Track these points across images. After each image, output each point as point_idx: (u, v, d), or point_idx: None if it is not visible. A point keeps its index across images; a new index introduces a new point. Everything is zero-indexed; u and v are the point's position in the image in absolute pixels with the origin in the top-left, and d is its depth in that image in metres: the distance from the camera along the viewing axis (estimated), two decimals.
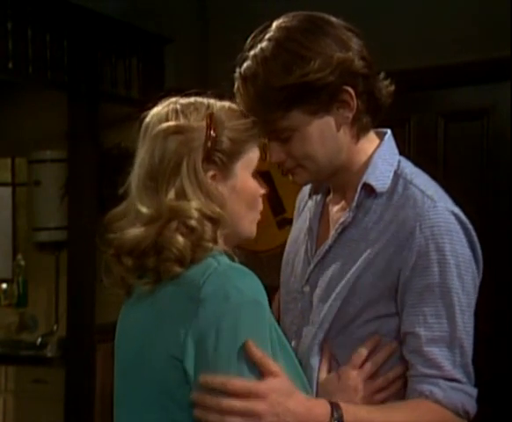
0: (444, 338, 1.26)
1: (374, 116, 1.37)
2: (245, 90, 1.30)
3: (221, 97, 1.32)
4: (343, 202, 1.39)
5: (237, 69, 1.31)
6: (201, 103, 1.28)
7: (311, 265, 1.39)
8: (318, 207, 1.45)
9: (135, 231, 1.20)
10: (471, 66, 3.29)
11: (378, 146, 1.38)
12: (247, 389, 1.12)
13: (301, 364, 1.31)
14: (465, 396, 1.27)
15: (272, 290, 1.52)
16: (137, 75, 3.87)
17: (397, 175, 1.35)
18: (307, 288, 1.40)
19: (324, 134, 1.31)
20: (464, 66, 3.32)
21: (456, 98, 3.47)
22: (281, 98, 1.27)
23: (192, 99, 1.29)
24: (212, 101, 1.29)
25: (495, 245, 3.29)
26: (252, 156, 1.30)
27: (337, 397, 1.25)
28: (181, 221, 1.19)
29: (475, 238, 1.33)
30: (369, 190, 1.34)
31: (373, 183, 1.33)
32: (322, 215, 1.44)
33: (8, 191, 4.76)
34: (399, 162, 1.38)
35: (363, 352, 1.31)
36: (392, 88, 1.39)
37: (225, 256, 1.22)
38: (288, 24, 1.31)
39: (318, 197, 1.47)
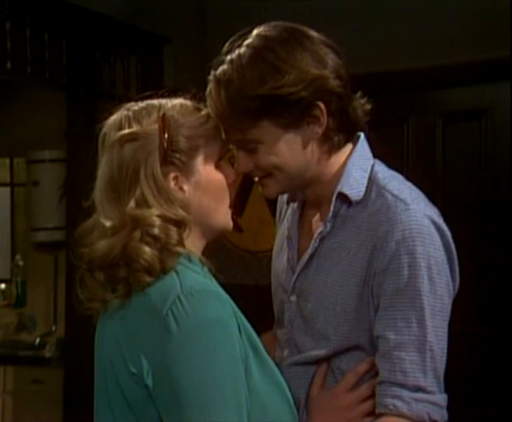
0: (413, 342, 1.25)
1: (348, 135, 1.35)
2: (217, 94, 1.27)
3: (175, 93, 1.30)
4: (321, 210, 1.39)
5: (212, 72, 1.29)
6: (153, 106, 1.27)
7: (295, 275, 1.39)
8: (295, 214, 1.44)
9: (101, 244, 1.19)
10: (470, 66, 3.29)
11: (351, 152, 1.36)
12: None
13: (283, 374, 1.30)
14: (431, 405, 1.25)
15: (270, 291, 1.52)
16: (136, 75, 3.87)
17: (370, 181, 1.34)
18: (294, 298, 1.40)
19: (292, 147, 1.30)
20: (463, 66, 3.32)
21: (454, 99, 3.47)
22: (253, 107, 1.25)
23: (143, 104, 1.28)
24: (164, 102, 1.28)
25: (496, 245, 3.29)
26: (212, 147, 1.29)
27: (328, 415, 1.27)
28: (144, 231, 1.18)
29: (450, 240, 1.31)
30: (344, 199, 1.33)
31: (347, 192, 1.33)
32: (301, 223, 1.43)
33: (6, 191, 4.75)
34: (373, 166, 1.36)
35: (358, 372, 1.30)
36: (369, 107, 1.39)
37: (193, 260, 1.22)
38: (267, 33, 1.30)
39: (295, 204, 1.45)
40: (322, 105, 1.28)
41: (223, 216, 1.30)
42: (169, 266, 1.17)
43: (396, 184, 1.33)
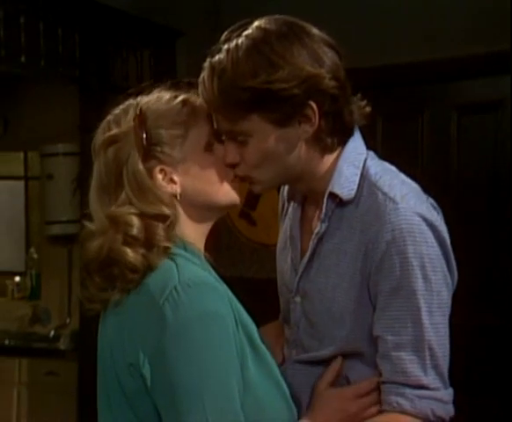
0: (411, 341, 1.24)
1: (341, 137, 1.33)
2: (210, 82, 1.26)
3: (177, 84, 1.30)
4: (318, 208, 1.36)
5: (208, 59, 1.28)
6: (130, 104, 1.27)
7: (298, 276, 1.38)
8: (297, 213, 1.43)
9: (91, 246, 1.21)
10: (485, 58, 3.26)
11: (343, 148, 1.34)
12: None
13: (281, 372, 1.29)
14: (435, 402, 1.25)
15: None
16: (149, 68, 3.87)
17: (362, 177, 1.32)
18: (298, 299, 1.39)
19: (280, 144, 1.28)
20: (478, 58, 3.29)
21: (469, 91, 3.45)
22: (243, 98, 1.24)
23: (124, 104, 1.28)
24: (141, 98, 1.27)
25: (510, 239, 3.27)
26: (197, 131, 1.27)
27: (332, 414, 1.27)
28: (124, 232, 1.18)
29: (444, 235, 1.29)
30: (335, 198, 1.32)
31: (338, 191, 1.31)
32: (302, 221, 1.42)
33: (21, 184, 4.78)
34: (365, 161, 1.34)
35: (374, 382, 1.29)
36: (368, 110, 1.35)
37: (189, 250, 1.22)
38: (267, 26, 1.28)
39: (297, 201, 1.43)
40: (314, 105, 1.25)
41: (224, 195, 1.29)
42: (156, 262, 1.17)
43: (387, 179, 1.30)
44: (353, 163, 1.32)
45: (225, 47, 1.26)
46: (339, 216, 1.32)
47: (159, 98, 1.27)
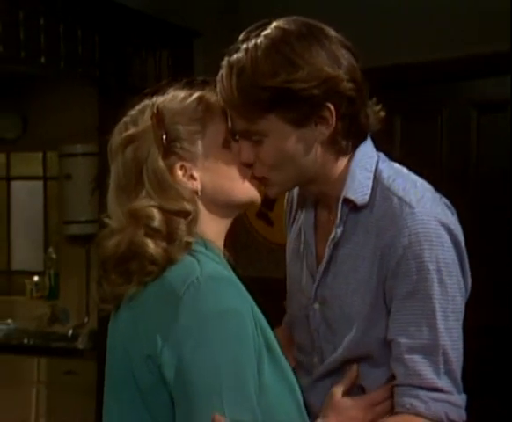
0: (425, 345, 1.24)
1: (356, 141, 1.32)
2: (228, 80, 1.25)
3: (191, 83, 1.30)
4: (331, 213, 1.36)
5: (226, 58, 1.28)
6: (146, 104, 1.28)
7: (316, 282, 1.37)
8: (310, 218, 1.41)
9: (109, 243, 1.21)
10: (505, 55, 3.23)
11: (354, 152, 1.33)
12: None
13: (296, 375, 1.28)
14: (449, 405, 1.24)
15: None
16: (167, 68, 3.88)
17: (375, 181, 1.31)
18: (317, 305, 1.38)
19: (296, 145, 1.27)
20: (498, 55, 3.26)
21: (489, 89, 3.42)
22: (263, 97, 1.23)
23: (139, 105, 1.29)
24: (157, 98, 1.28)
25: None
26: (214, 128, 1.27)
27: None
28: (146, 226, 1.18)
29: (460, 239, 1.29)
30: (350, 204, 1.31)
31: (352, 197, 1.30)
32: (316, 227, 1.40)
33: (39, 185, 4.82)
34: (377, 164, 1.33)
35: (387, 390, 1.28)
36: (383, 114, 1.35)
37: (210, 248, 1.21)
38: (286, 26, 1.28)
39: (309, 206, 1.42)
40: (332, 106, 1.25)
41: (243, 192, 1.29)
42: (176, 256, 1.17)
43: (401, 183, 1.30)
44: (365, 167, 1.32)
45: (244, 46, 1.26)
46: (354, 221, 1.32)
47: (174, 97, 1.28)
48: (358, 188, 1.30)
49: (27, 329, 4.47)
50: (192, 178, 1.24)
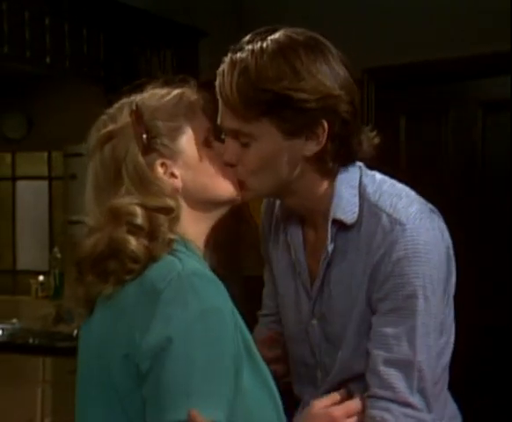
0: (403, 360, 1.24)
1: (343, 163, 1.31)
2: (230, 76, 1.24)
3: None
4: (317, 229, 1.35)
5: (229, 54, 1.26)
6: (124, 102, 1.26)
7: (312, 300, 1.37)
8: (298, 235, 1.39)
9: (87, 242, 1.18)
10: (511, 55, 3.23)
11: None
12: None
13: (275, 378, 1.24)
14: None
15: None
16: (172, 68, 3.89)
17: (361, 198, 1.31)
18: (315, 321, 1.39)
19: (282, 155, 1.26)
20: (503, 55, 3.25)
21: (494, 88, 3.41)
22: (261, 100, 1.22)
23: (118, 103, 1.27)
24: (135, 96, 1.26)
25: None
26: (196, 125, 1.25)
27: None
28: (128, 223, 1.16)
29: (447, 243, 1.30)
30: (339, 224, 1.31)
31: (342, 217, 1.30)
32: (305, 245, 1.39)
33: (44, 184, 4.82)
34: (361, 178, 1.33)
35: (362, 401, 1.27)
36: (377, 141, 1.35)
37: (190, 248, 1.19)
38: (293, 35, 1.27)
39: (294, 223, 1.39)
40: (326, 124, 1.24)
41: (224, 190, 1.27)
42: (159, 253, 1.14)
43: (387, 198, 1.29)
44: (350, 184, 1.31)
45: (249, 47, 1.25)
46: (344, 239, 1.31)
47: (153, 94, 1.26)
48: (346, 207, 1.30)
49: (32, 328, 4.47)
50: (172, 175, 1.22)
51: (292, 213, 1.39)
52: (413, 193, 1.33)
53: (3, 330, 4.52)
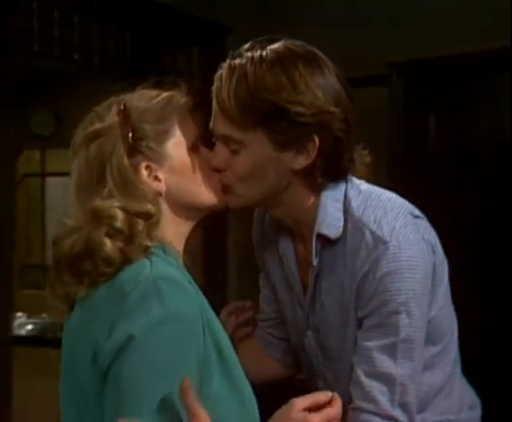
0: (384, 373, 1.24)
1: (332, 179, 1.30)
2: (228, 81, 1.23)
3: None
4: (305, 242, 1.35)
5: (228, 60, 1.26)
6: (113, 101, 1.24)
7: (305, 312, 1.38)
8: (289, 247, 1.39)
9: (65, 242, 1.16)
10: None
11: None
12: None
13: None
14: None
15: None
16: (198, 65, 3.90)
17: (346, 212, 1.30)
18: (309, 333, 1.39)
19: (270, 166, 1.26)
20: None
21: None
22: (258, 109, 1.21)
23: (107, 102, 1.25)
24: (124, 95, 1.24)
25: None
26: (183, 130, 1.24)
27: None
28: (108, 225, 1.14)
29: (434, 248, 1.30)
30: (324, 238, 1.30)
31: (326, 232, 1.29)
32: (297, 256, 1.39)
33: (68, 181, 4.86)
34: (346, 191, 1.31)
35: (326, 396, 1.21)
36: (369, 159, 1.34)
37: (168, 252, 1.17)
38: (293, 48, 1.26)
39: (285, 235, 1.39)
40: (317, 140, 1.24)
41: (209, 196, 1.26)
42: (134, 257, 1.13)
43: (371, 213, 1.28)
44: (335, 198, 1.31)
45: (248, 54, 1.25)
46: (330, 253, 1.31)
47: (143, 95, 1.24)
48: (331, 222, 1.29)
49: (61, 323, 4.52)
50: (156, 178, 1.21)
51: (281, 224, 1.39)
52: (398, 204, 1.32)
53: (33, 324, 4.58)
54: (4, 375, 3.46)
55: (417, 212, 1.34)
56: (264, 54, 1.24)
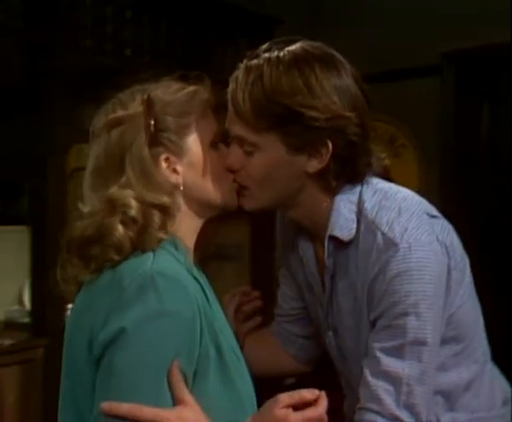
0: (390, 373, 1.22)
1: (347, 182, 1.29)
2: (243, 83, 1.23)
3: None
4: (322, 242, 1.33)
5: (245, 61, 1.26)
6: (137, 90, 1.23)
7: (325, 312, 1.38)
8: (310, 248, 1.38)
9: (77, 225, 1.17)
10: None
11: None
12: (156, 418, 1.06)
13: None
14: None
15: None
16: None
17: (359, 213, 1.28)
18: (330, 333, 1.40)
19: (283, 169, 1.25)
20: None
21: None
22: (272, 112, 1.21)
23: (130, 90, 1.24)
24: (149, 85, 1.24)
25: None
26: (205, 125, 1.24)
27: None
28: (123, 213, 1.14)
29: (448, 250, 1.26)
30: (337, 241, 1.29)
31: (338, 234, 1.29)
32: (316, 257, 1.38)
33: None
34: (361, 192, 1.30)
35: (312, 394, 1.19)
36: (386, 163, 1.33)
37: (179, 249, 1.17)
38: (311, 49, 1.25)
39: (305, 237, 1.39)
40: (331, 144, 1.23)
41: (222, 195, 1.26)
42: (144, 248, 1.13)
43: (384, 214, 1.26)
44: (349, 200, 1.29)
45: (266, 55, 1.24)
46: (344, 254, 1.30)
47: (168, 87, 1.24)
48: (344, 224, 1.28)
49: None
50: (175, 171, 1.21)
51: (302, 227, 1.38)
52: (413, 203, 1.29)
53: None
54: (58, 366, 3.55)
55: (434, 212, 1.31)
56: (281, 55, 1.23)
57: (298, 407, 1.13)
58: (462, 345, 1.32)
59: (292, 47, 1.24)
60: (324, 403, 1.13)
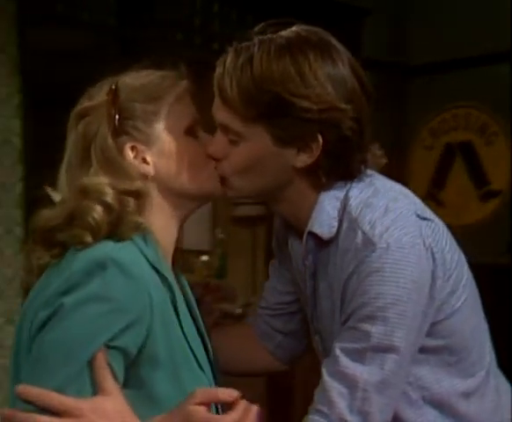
0: (347, 375, 1.14)
1: (339, 179, 1.22)
2: (231, 68, 1.16)
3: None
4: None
5: (235, 43, 1.19)
6: (108, 80, 1.20)
7: (310, 314, 1.32)
8: (298, 248, 1.30)
9: (45, 212, 1.14)
10: None
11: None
12: (63, 407, 1.01)
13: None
14: None
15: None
16: None
17: (343, 211, 1.21)
18: (316, 337, 1.33)
19: (269, 162, 1.19)
20: None
21: None
22: (261, 100, 1.14)
23: (102, 82, 1.22)
24: (122, 75, 1.21)
25: None
26: (178, 111, 1.19)
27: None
28: (98, 199, 1.11)
29: (435, 255, 1.18)
30: (317, 238, 1.23)
31: (318, 231, 1.21)
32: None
33: None
34: (348, 191, 1.22)
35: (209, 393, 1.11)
36: (384, 161, 1.28)
37: (149, 242, 1.12)
38: (306, 35, 1.18)
39: (295, 236, 1.31)
40: (321, 139, 1.16)
41: (201, 183, 1.20)
42: (120, 234, 1.09)
43: (368, 213, 1.19)
44: (335, 196, 1.22)
45: (257, 38, 1.17)
46: (326, 253, 1.24)
47: (138, 73, 1.21)
48: (325, 221, 1.21)
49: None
50: (144, 161, 1.17)
51: (293, 227, 1.30)
52: (404, 203, 1.21)
53: None
54: None
55: (426, 214, 1.22)
56: (274, 39, 1.16)
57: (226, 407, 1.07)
58: (456, 357, 1.24)
59: (286, 32, 1.17)
60: (240, 409, 1.05)
